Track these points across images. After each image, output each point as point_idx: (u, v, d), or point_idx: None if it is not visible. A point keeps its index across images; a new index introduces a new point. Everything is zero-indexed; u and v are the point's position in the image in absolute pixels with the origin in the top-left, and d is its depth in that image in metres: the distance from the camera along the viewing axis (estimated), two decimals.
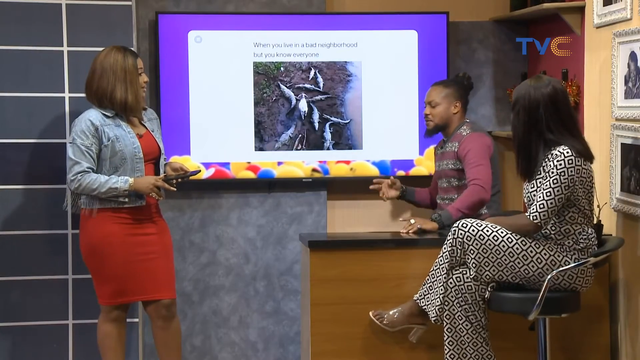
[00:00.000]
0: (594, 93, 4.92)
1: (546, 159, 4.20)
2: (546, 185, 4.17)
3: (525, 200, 4.33)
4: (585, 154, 4.22)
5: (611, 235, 4.66)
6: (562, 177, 4.15)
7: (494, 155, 5.09)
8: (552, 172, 4.16)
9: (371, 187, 5.26)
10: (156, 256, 4.69)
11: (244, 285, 5.76)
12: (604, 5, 4.74)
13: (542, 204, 4.17)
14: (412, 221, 4.87)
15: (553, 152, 4.18)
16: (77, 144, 4.55)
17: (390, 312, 4.52)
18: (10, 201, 5.08)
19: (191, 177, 4.77)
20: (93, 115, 4.59)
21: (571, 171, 4.15)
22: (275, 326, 5.77)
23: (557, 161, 4.16)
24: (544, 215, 4.17)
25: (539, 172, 4.23)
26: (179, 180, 4.71)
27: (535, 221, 4.18)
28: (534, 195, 4.23)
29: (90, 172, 4.54)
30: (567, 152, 4.16)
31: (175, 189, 4.66)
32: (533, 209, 4.19)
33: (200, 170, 5.22)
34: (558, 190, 4.16)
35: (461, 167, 5.03)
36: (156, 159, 4.77)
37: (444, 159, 5.14)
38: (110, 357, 4.72)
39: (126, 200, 4.58)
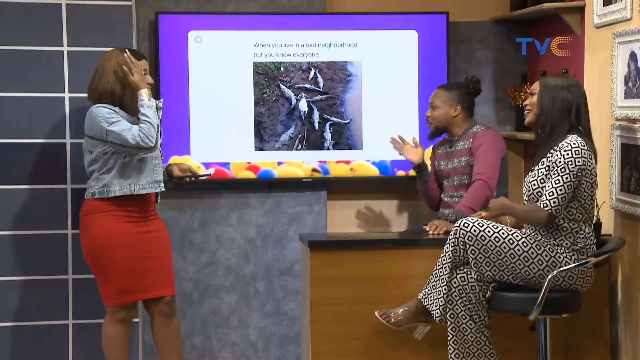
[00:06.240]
0: (594, 93, 4.91)
1: (553, 150, 4.20)
2: (554, 174, 4.17)
3: (524, 190, 4.33)
4: (592, 151, 4.24)
5: (611, 235, 4.66)
6: (569, 166, 4.16)
7: (505, 156, 5.09)
8: (560, 162, 4.17)
9: (390, 139, 5.27)
10: (158, 254, 4.71)
11: (244, 285, 5.76)
12: (604, 5, 4.74)
13: (552, 192, 4.17)
14: (437, 223, 4.84)
15: (561, 143, 4.19)
16: (114, 120, 4.52)
17: (396, 311, 4.51)
18: (10, 201, 5.08)
19: (200, 179, 4.98)
20: (102, 105, 4.59)
21: (578, 161, 4.16)
22: (275, 326, 5.77)
23: (564, 151, 4.17)
24: (554, 202, 4.16)
25: (542, 162, 4.24)
26: (188, 180, 4.89)
27: (546, 209, 4.17)
28: (534, 185, 4.24)
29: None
30: (574, 143, 4.17)
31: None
32: (544, 198, 4.19)
33: (210, 174, 5.26)
34: (567, 178, 4.16)
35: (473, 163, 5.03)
36: None
37: (454, 157, 5.11)
38: (115, 358, 4.72)
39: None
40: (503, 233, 4.25)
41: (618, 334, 4.72)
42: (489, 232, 4.25)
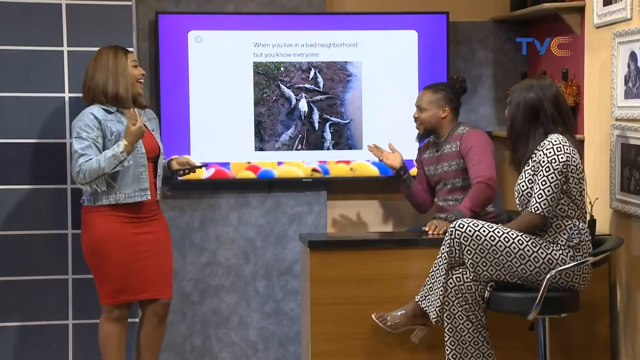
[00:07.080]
0: (594, 93, 4.92)
1: (536, 150, 4.22)
2: (540, 175, 4.19)
3: (516, 194, 4.34)
4: (575, 147, 4.25)
5: (610, 235, 4.66)
6: (553, 164, 4.17)
7: (494, 152, 5.11)
8: (544, 162, 4.19)
9: (368, 147, 5.28)
10: (157, 254, 4.72)
11: (244, 285, 5.76)
12: (604, 5, 4.74)
13: (540, 193, 4.18)
14: (437, 223, 4.84)
15: (542, 142, 4.20)
16: (83, 137, 4.55)
17: (393, 314, 4.51)
18: (10, 201, 5.08)
19: (197, 170, 4.98)
20: (95, 109, 4.62)
21: (562, 157, 4.18)
22: (275, 326, 5.77)
23: (547, 149, 4.19)
24: (544, 204, 4.18)
25: (527, 164, 4.26)
26: (184, 172, 4.89)
27: (537, 212, 4.18)
28: (523, 187, 4.25)
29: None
30: (555, 140, 4.19)
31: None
32: (533, 201, 4.20)
33: (207, 165, 5.26)
34: (552, 177, 4.18)
35: (464, 165, 5.03)
36: (156, 158, 4.79)
37: (443, 161, 5.13)
38: (112, 357, 4.73)
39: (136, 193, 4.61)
40: (499, 232, 4.25)
41: (617, 334, 4.72)
42: (484, 231, 4.25)
